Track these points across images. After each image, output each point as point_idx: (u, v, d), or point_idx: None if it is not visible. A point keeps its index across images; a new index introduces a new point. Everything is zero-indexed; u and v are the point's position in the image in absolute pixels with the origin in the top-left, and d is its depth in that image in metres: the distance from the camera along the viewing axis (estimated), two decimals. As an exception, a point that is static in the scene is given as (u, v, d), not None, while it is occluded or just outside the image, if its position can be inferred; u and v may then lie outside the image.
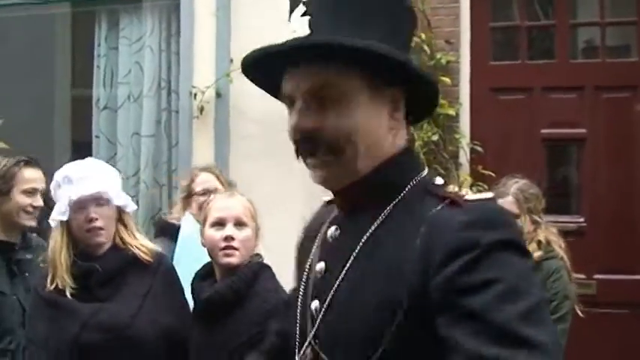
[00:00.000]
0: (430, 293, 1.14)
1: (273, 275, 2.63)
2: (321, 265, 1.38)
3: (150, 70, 5.44)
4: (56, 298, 2.56)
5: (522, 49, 4.98)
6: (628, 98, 4.74)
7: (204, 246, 2.62)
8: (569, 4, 4.98)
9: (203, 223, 2.62)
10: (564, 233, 3.97)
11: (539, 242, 3.72)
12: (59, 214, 2.57)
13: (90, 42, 5.69)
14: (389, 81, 1.28)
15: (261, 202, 2.79)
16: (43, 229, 3.07)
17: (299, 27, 1.29)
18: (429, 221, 1.20)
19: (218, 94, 5.10)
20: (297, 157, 1.36)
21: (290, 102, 1.33)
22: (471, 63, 4.84)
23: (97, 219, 2.57)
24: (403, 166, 1.33)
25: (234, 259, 2.52)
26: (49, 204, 2.86)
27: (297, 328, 1.40)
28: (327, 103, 1.27)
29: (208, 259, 2.67)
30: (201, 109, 5.08)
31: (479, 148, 4.72)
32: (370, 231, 1.29)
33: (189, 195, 3.87)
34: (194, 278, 2.66)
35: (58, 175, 2.64)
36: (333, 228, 1.40)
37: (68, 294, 2.55)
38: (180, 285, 2.76)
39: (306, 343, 1.35)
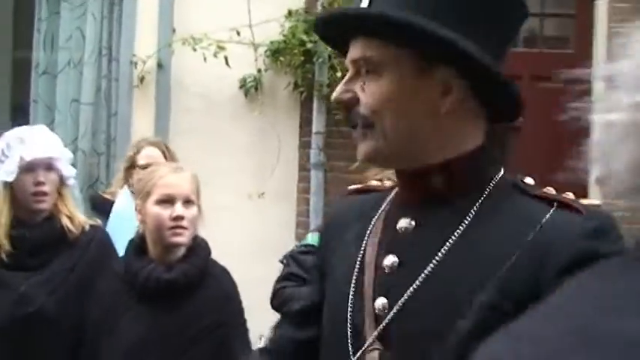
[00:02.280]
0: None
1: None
2: (391, 260, 1.24)
3: (91, 37, 5.34)
4: None
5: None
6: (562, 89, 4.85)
7: (142, 222, 2.52)
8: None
9: (143, 197, 2.49)
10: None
11: None
12: (7, 173, 2.54)
13: (32, 4, 5.57)
14: (440, 61, 1.19)
15: (201, 177, 2.77)
16: None
17: None
18: (545, 222, 1.14)
19: (159, 65, 5.06)
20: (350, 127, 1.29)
21: None
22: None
23: (44, 183, 2.56)
24: (485, 160, 1.26)
25: (184, 239, 2.44)
26: None
27: (349, 328, 1.25)
28: (369, 75, 1.22)
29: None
30: (142, 79, 5.05)
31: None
32: (462, 227, 1.20)
33: (131, 166, 3.83)
34: (126, 257, 2.55)
35: (10, 135, 2.62)
36: (407, 219, 1.26)
37: (4, 257, 2.55)
38: (112, 260, 2.70)
39: (367, 346, 1.22)
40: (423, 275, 1.19)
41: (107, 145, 5.39)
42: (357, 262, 1.29)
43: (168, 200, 2.43)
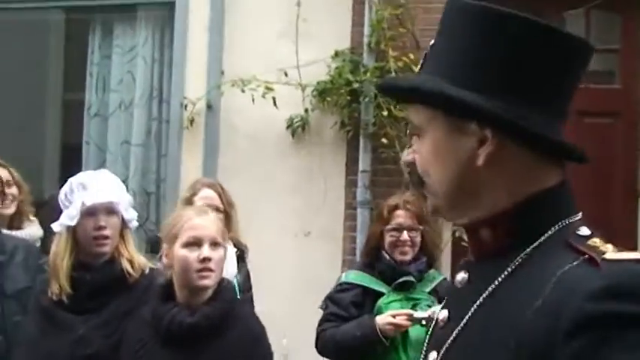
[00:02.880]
0: None
1: (242, 298, 2.64)
2: (444, 314, 1.29)
3: (142, 79, 5.51)
4: (53, 311, 2.64)
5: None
6: (609, 125, 4.84)
7: (169, 267, 2.52)
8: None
9: (170, 241, 2.50)
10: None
11: None
12: (69, 218, 2.63)
13: (83, 49, 5.75)
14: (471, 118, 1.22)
15: (249, 216, 2.80)
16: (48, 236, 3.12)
17: None
18: (559, 278, 1.08)
19: (209, 106, 5.16)
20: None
21: None
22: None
23: (105, 227, 2.63)
24: (542, 210, 1.21)
25: (211, 281, 2.44)
26: (53, 208, 2.91)
27: None
28: (418, 138, 1.29)
29: None
30: (192, 121, 5.15)
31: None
32: (498, 281, 1.18)
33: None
34: (153, 302, 2.55)
35: (73, 181, 2.71)
36: (462, 273, 1.30)
37: (65, 299, 2.62)
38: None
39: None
40: (457, 329, 1.21)
41: (157, 185, 5.51)
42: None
43: (195, 243, 2.43)
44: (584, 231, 1.18)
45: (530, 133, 1.19)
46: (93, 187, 2.66)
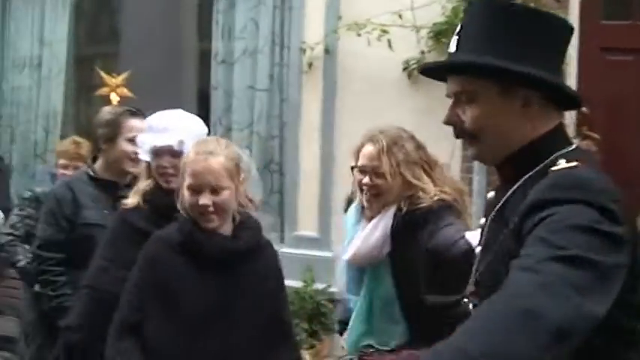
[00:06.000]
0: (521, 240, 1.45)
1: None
2: (482, 221, 1.76)
3: (264, 26, 5.70)
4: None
5: (635, 9, 4.84)
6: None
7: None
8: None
9: (181, 181, 2.56)
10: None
11: None
12: (144, 154, 2.88)
13: (210, -1, 6.00)
14: (519, 85, 1.60)
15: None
16: None
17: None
18: (533, 189, 1.50)
19: (326, 51, 5.29)
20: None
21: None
22: (581, 21, 4.76)
23: (167, 167, 2.81)
24: (543, 146, 1.61)
25: (214, 223, 2.50)
26: None
27: None
28: (466, 102, 1.63)
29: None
30: (310, 65, 5.29)
31: (584, 109, 4.67)
32: (506, 197, 1.62)
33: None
34: (182, 227, 2.58)
35: (148, 121, 2.96)
36: (492, 192, 1.77)
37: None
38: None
39: (473, 278, 1.73)
40: (485, 231, 1.70)
41: (280, 128, 5.73)
42: None
43: (194, 189, 2.48)
44: (563, 163, 1.55)
45: (564, 93, 1.64)
46: (158, 130, 2.85)
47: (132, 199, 2.88)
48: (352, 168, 2.88)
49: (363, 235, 2.79)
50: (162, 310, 2.49)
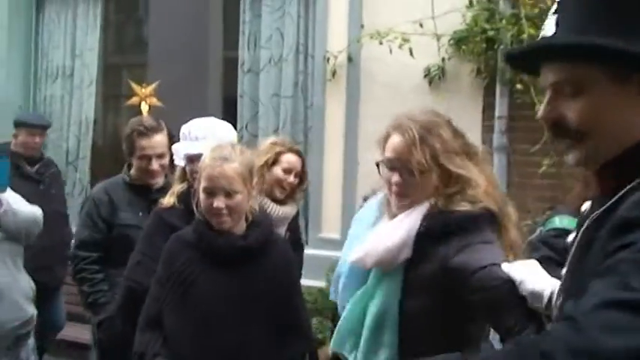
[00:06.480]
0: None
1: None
2: (573, 235, 1.48)
3: (289, 36, 5.89)
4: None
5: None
6: None
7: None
8: None
9: (198, 183, 2.69)
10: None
11: None
12: (180, 160, 3.14)
13: (237, 9, 6.18)
14: (633, 68, 1.30)
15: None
16: None
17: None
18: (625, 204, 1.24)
19: (350, 59, 5.45)
20: (552, 141, 1.47)
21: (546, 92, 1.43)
22: None
23: (197, 172, 2.99)
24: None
25: (227, 225, 2.64)
26: None
27: None
28: (571, 95, 1.34)
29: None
30: (334, 73, 5.46)
31: None
32: (602, 209, 1.33)
33: None
34: (196, 228, 2.72)
35: (182, 129, 3.21)
36: (588, 202, 1.47)
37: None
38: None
39: (557, 290, 1.56)
40: (574, 246, 1.43)
41: (305, 134, 5.90)
42: None
43: (209, 192, 2.63)
44: None
45: None
46: (192, 138, 3.12)
47: (168, 199, 3.10)
48: (377, 164, 2.29)
49: (381, 234, 2.20)
50: (179, 305, 2.64)
